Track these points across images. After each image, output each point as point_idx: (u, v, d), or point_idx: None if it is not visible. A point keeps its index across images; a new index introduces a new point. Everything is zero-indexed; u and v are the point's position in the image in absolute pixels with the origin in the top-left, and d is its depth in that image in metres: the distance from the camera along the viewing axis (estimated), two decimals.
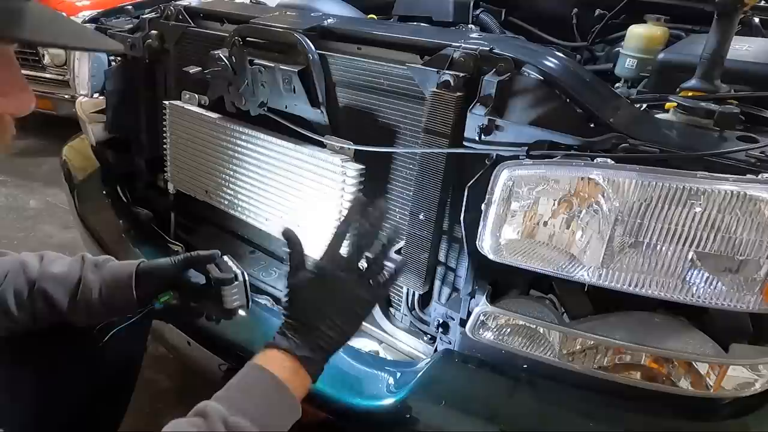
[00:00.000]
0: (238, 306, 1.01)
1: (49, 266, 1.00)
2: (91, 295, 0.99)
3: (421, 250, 1.07)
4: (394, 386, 1.04)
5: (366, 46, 1.12)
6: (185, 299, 1.04)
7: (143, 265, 1.03)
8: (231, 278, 0.99)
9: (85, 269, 1.01)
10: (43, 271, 0.99)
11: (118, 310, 1.01)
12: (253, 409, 0.73)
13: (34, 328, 0.99)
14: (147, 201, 1.70)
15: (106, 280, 1.01)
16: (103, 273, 1.02)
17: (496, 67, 0.93)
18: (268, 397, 0.76)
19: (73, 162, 1.89)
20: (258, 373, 0.77)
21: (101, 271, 1.02)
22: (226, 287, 1.00)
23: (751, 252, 0.77)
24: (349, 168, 1.13)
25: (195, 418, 0.71)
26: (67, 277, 1.00)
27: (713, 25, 0.99)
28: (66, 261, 1.03)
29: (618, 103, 0.97)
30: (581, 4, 2.00)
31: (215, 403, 0.72)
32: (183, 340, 1.24)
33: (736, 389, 0.89)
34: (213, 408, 0.71)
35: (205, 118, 1.38)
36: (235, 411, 0.72)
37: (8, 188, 3.26)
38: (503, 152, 0.92)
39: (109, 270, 1.02)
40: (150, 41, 1.47)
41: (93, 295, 0.99)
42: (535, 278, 0.99)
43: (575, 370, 0.94)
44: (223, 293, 1.00)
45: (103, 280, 1.01)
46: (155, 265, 1.04)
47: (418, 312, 1.18)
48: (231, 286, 1.00)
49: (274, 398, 0.76)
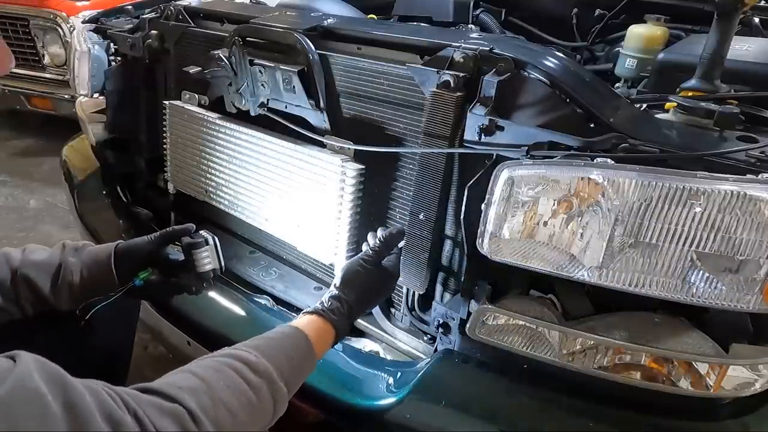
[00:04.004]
0: (210, 269, 1.06)
1: (31, 255, 1.02)
2: (72, 278, 1.01)
3: (421, 250, 1.07)
4: (394, 386, 1.04)
5: (366, 46, 1.12)
6: (164, 275, 1.08)
7: (121, 245, 1.06)
8: (201, 242, 1.06)
9: (65, 254, 1.03)
10: (24, 259, 1.01)
11: (100, 291, 1.03)
12: (289, 370, 0.82)
13: (20, 316, 1.00)
14: (147, 201, 1.71)
15: (86, 263, 1.03)
16: (82, 256, 1.04)
17: (496, 67, 0.93)
18: (302, 362, 0.87)
19: (73, 162, 1.89)
20: (299, 336, 0.88)
21: (81, 254, 1.04)
22: (197, 251, 1.05)
23: (751, 252, 0.77)
24: (349, 168, 1.13)
25: (237, 363, 0.77)
26: (48, 263, 1.02)
27: (713, 25, 0.99)
28: (47, 250, 1.06)
29: (618, 103, 0.97)
30: (581, 4, 2.01)
31: (264, 359, 0.80)
32: (183, 340, 1.24)
33: (736, 389, 0.89)
34: (262, 364, 0.79)
35: (205, 118, 1.38)
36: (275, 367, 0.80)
37: (8, 188, 3.26)
38: (503, 152, 0.92)
39: (89, 253, 1.05)
40: (150, 41, 1.47)
41: (74, 278, 1.01)
42: (535, 278, 0.99)
43: (575, 370, 0.94)
44: (194, 257, 1.05)
45: (83, 263, 1.03)
46: (133, 245, 1.07)
47: (418, 312, 1.18)
48: (202, 249, 1.05)
49: (307, 363, 0.88)
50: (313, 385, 1.01)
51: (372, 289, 1.02)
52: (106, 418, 0.60)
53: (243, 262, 1.47)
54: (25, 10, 3.38)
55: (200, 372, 0.75)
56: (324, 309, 0.95)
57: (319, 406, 1.03)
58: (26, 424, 0.55)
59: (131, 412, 0.63)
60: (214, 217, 1.54)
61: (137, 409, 0.64)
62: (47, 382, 0.58)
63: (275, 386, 0.79)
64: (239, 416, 0.73)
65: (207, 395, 0.71)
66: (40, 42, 3.44)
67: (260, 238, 1.49)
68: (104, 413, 0.60)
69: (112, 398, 0.63)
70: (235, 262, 1.46)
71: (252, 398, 0.76)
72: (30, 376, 0.58)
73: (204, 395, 0.71)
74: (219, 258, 1.09)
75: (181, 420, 0.67)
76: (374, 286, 1.02)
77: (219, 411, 0.71)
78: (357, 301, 0.98)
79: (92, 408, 0.60)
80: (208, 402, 0.70)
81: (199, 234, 1.08)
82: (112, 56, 1.66)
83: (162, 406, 0.67)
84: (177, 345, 1.27)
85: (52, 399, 0.57)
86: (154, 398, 0.68)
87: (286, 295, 1.36)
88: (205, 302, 1.22)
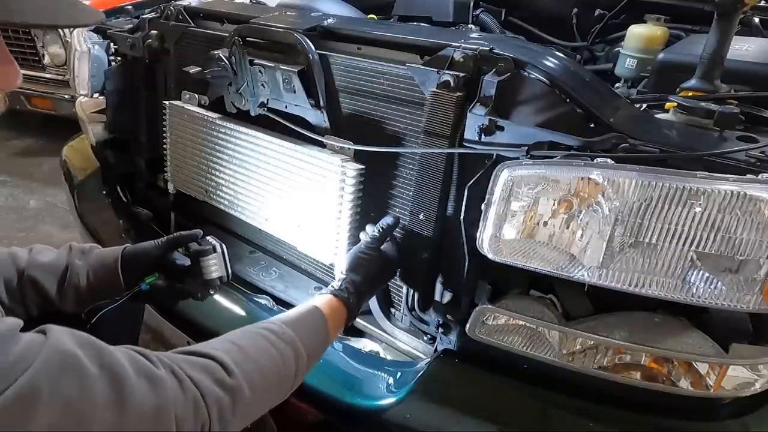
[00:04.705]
0: (217, 276, 1.07)
1: (38, 256, 1.02)
2: (78, 281, 1.01)
3: (421, 250, 1.07)
4: (394, 386, 1.04)
5: (366, 46, 1.12)
6: (171, 280, 1.08)
7: (129, 249, 1.06)
8: (209, 249, 1.06)
9: (72, 257, 1.03)
10: (31, 260, 1.01)
11: (106, 295, 1.03)
12: (309, 341, 0.87)
13: (26, 316, 1.00)
14: (147, 201, 1.71)
15: (93, 266, 1.03)
16: (89, 259, 1.04)
17: (496, 67, 0.93)
18: (320, 336, 0.92)
19: (73, 162, 1.89)
20: (318, 313, 0.93)
21: (88, 257, 1.04)
22: (204, 258, 1.05)
23: (751, 252, 0.77)
24: (349, 168, 1.13)
25: (265, 331, 0.83)
26: (54, 264, 1.02)
27: (713, 25, 0.99)
28: (54, 251, 1.06)
29: (618, 103, 0.97)
30: (581, 4, 2.01)
31: (288, 329, 0.85)
32: (183, 341, 1.24)
33: (736, 389, 0.89)
34: (288, 333, 0.84)
35: (205, 118, 1.38)
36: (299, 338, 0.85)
37: (8, 188, 3.26)
38: (503, 152, 0.92)
39: (96, 256, 1.05)
40: (150, 41, 1.47)
41: (81, 281, 1.01)
42: (535, 278, 0.99)
43: (575, 370, 0.94)
44: (201, 264, 1.05)
45: (90, 266, 1.03)
46: (140, 249, 1.07)
47: (418, 312, 1.18)
48: (209, 257, 1.06)
49: (324, 337, 0.93)
50: (313, 385, 1.01)
51: (376, 273, 1.05)
52: (142, 373, 0.64)
53: (243, 262, 1.47)
54: None
55: (232, 337, 0.81)
56: (337, 290, 0.99)
57: (319, 406, 1.03)
58: (68, 386, 0.58)
59: (166, 367, 0.67)
60: (214, 217, 1.54)
61: (171, 364, 0.68)
62: (81, 346, 0.62)
63: (299, 353, 0.84)
64: (268, 375, 0.78)
65: (239, 354, 0.76)
66: (40, 42, 3.44)
67: (260, 238, 1.49)
68: (139, 370, 0.64)
69: (146, 357, 0.66)
70: (235, 262, 1.46)
71: (279, 361, 0.81)
72: (64, 342, 0.61)
73: (236, 353, 0.76)
74: (226, 265, 1.08)
75: (214, 371, 0.72)
76: (378, 270, 1.06)
77: (250, 366, 0.76)
78: (364, 283, 1.02)
79: (127, 366, 0.63)
80: (240, 357, 0.76)
81: (206, 240, 1.08)
82: (112, 56, 1.66)
83: (196, 361, 0.72)
84: (177, 345, 1.26)
85: (88, 362, 0.60)
86: (187, 356, 0.72)
87: (286, 295, 1.36)
88: (206, 303, 1.21)
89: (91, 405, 0.58)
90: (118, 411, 0.60)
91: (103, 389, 0.60)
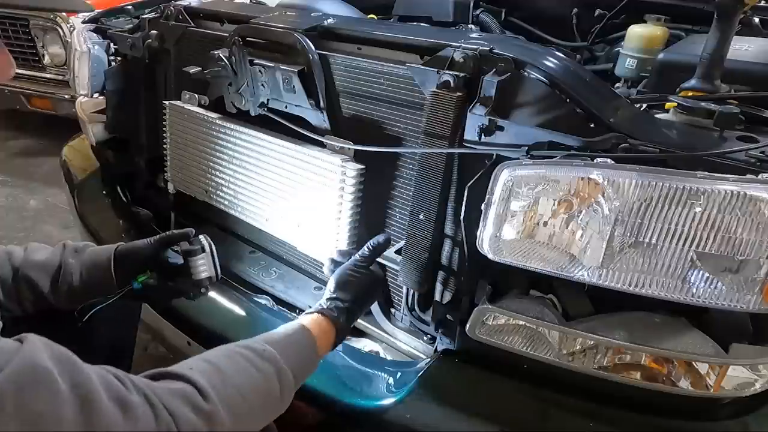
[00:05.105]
0: (206, 276, 1.07)
1: (32, 254, 1.03)
2: (72, 279, 1.02)
3: (421, 250, 1.07)
4: (394, 386, 1.04)
5: (366, 46, 1.12)
6: (164, 279, 1.08)
7: (121, 247, 1.07)
8: (198, 249, 1.06)
9: (65, 255, 1.04)
10: (26, 258, 1.02)
11: (99, 293, 1.04)
12: (294, 360, 0.84)
13: (21, 314, 1.01)
14: (147, 201, 1.71)
15: (86, 264, 1.04)
16: (83, 257, 1.05)
17: (496, 67, 0.93)
18: (306, 355, 0.90)
19: (73, 162, 1.89)
20: (303, 332, 0.91)
21: (81, 255, 1.05)
22: (193, 258, 1.06)
23: (751, 252, 0.77)
24: (349, 168, 1.13)
25: (245, 350, 0.80)
26: (48, 262, 1.03)
27: (713, 25, 0.99)
28: (49, 249, 1.06)
29: (618, 103, 0.97)
30: (581, 4, 2.01)
31: (270, 347, 0.82)
32: (183, 341, 1.24)
33: (736, 389, 0.89)
34: (269, 351, 0.81)
35: (205, 118, 1.38)
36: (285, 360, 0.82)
37: (8, 188, 3.26)
38: (503, 152, 0.92)
39: (89, 254, 1.06)
40: (150, 41, 1.47)
41: (74, 279, 1.02)
42: (535, 278, 0.99)
43: (575, 370, 0.94)
44: (190, 264, 1.06)
45: (83, 264, 1.04)
46: (133, 247, 1.08)
47: (418, 312, 1.18)
48: (198, 257, 1.06)
49: (311, 357, 0.91)
50: (313, 385, 1.01)
51: (365, 292, 1.04)
52: (114, 398, 0.61)
53: (243, 262, 1.47)
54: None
55: (209, 357, 0.77)
56: (325, 309, 0.97)
57: (319, 406, 1.03)
58: (35, 402, 0.55)
59: (140, 393, 0.64)
60: (214, 217, 1.54)
61: (146, 390, 0.64)
62: (56, 362, 0.59)
63: (281, 371, 0.81)
64: (249, 398, 0.75)
65: (217, 376, 0.73)
66: (40, 42, 3.44)
67: (260, 238, 1.49)
68: (112, 394, 0.61)
69: (121, 381, 0.63)
70: (235, 262, 1.46)
71: (259, 382, 0.78)
72: (38, 355, 0.58)
73: (214, 375, 0.73)
74: (215, 265, 1.09)
75: (190, 397, 0.68)
76: (366, 289, 1.05)
77: (229, 391, 0.73)
78: (353, 301, 1.00)
79: (100, 389, 0.60)
80: (217, 381, 0.72)
81: (197, 240, 1.08)
82: (112, 56, 1.66)
83: (172, 386, 0.68)
84: (177, 346, 1.27)
85: (60, 378, 0.57)
86: (163, 380, 0.69)
87: (286, 295, 1.36)
88: (206, 303, 1.22)
89: (56, 423, 0.56)
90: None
91: (71, 409, 0.57)
